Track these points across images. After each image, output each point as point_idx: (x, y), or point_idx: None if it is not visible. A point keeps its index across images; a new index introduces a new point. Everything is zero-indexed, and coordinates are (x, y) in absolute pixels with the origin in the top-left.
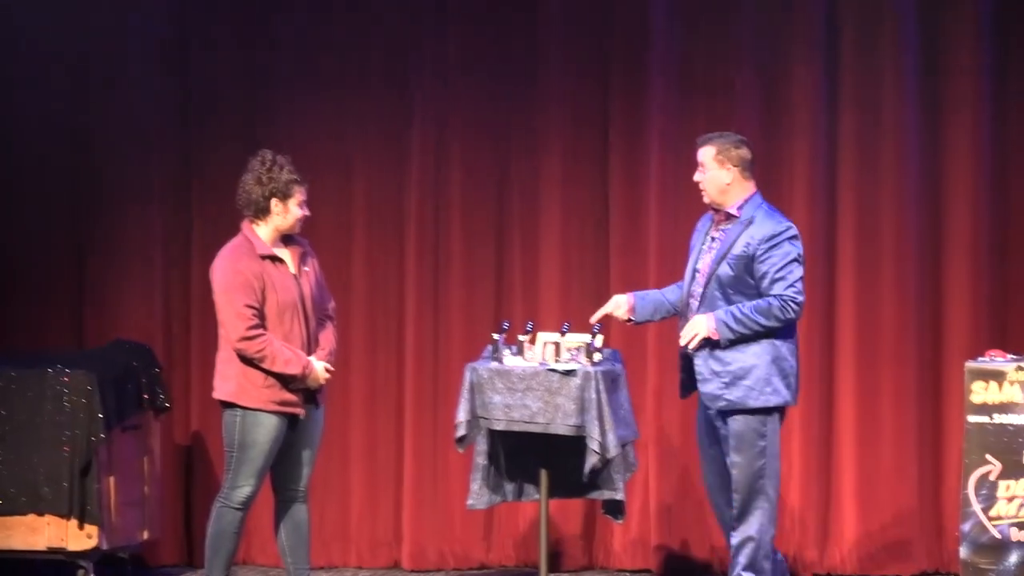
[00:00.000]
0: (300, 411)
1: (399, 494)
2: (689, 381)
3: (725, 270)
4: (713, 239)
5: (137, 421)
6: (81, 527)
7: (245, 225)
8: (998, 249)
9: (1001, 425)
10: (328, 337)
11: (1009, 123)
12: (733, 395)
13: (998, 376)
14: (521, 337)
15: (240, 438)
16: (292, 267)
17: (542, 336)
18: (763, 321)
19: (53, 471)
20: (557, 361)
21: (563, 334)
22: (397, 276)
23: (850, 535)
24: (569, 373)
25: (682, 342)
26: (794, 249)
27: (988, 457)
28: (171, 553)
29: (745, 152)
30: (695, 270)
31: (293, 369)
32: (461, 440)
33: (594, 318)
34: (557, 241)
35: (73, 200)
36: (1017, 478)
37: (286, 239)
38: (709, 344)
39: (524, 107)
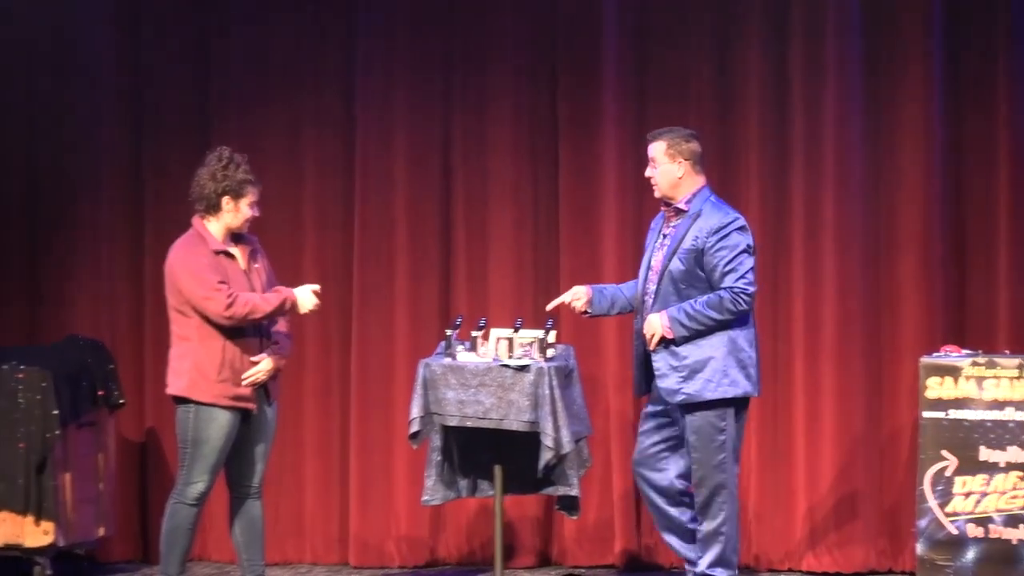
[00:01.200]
0: (252, 406)
1: (345, 491)
2: (644, 380)
3: (676, 265)
4: (664, 236)
5: (92, 418)
6: (37, 523)
7: (196, 220)
8: (953, 244)
9: (956, 421)
10: (280, 330)
11: (962, 114)
12: (691, 388)
13: (953, 372)
14: (474, 333)
15: (194, 434)
16: (242, 263)
17: (495, 332)
18: (715, 315)
19: (8, 468)
20: (510, 357)
21: (516, 330)
22: (345, 273)
23: (804, 532)
24: (522, 369)
25: (648, 347)
26: (743, 240)
27: (944, 453)
28: (127, 549)
29: (695, 146)
30: (648, 268)
31: (278, 300)
32: (415, 436)
33: (551, 305)
34: (506, 237)
35: (25, 196)
36: (973, 474)
37: (235, 237)
38: (665, 341)
39: (471, 101)
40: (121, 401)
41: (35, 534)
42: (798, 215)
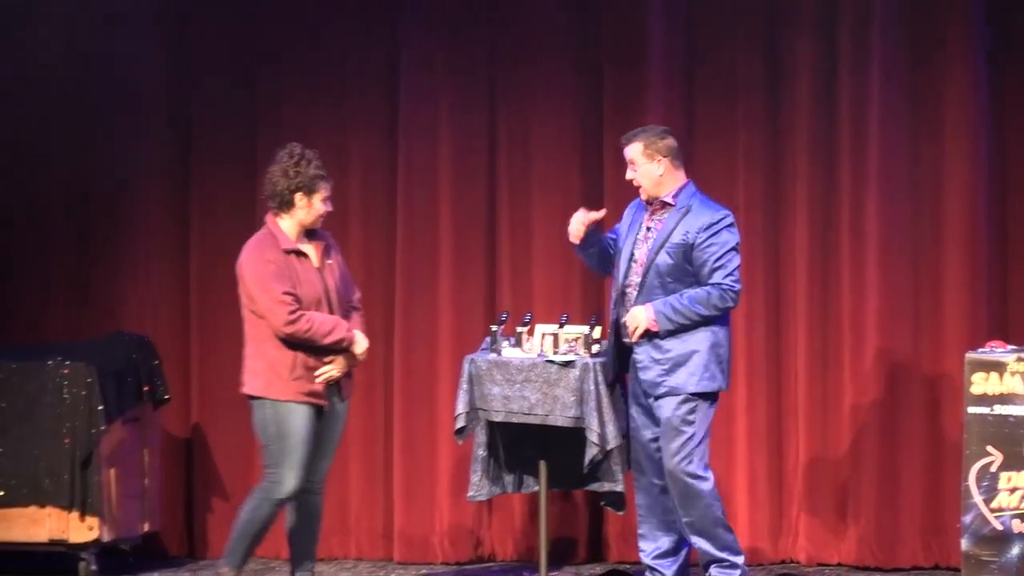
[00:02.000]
0: (325, 403)
1: (390, 486)
2: (618, 366)
3: (664, 259)
4: (648, 228)
5: (137, 413)
6: (82, 519)
7: (269, 218)
8: (998, 240)
9: (1002, 416)
10: (355, 325)
11: (1007, 108)
12: (674, 381)
13: (998, 367)
14: (519, 328)
15: (277, 428)
16: (315, 261)
17: (540, 327)
18: (702, 311)
19: (54, 463)
20: (555, 353)
21: (561, 325)
22: (389, 268)
23: (852, 529)
24: (567, 364)
25: (625, 339)
26: (732, 238)
27: (989, 448)
28: (172, 545)
29: (671, 141)
30: (631, 259)
31: (338, 335)
32: (460, 432)
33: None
34: (551, 232)
35: (72, 192)
36: (1018, 469)
37: (309, 233)
38: (648, 334)
39: (515, 95)
40: (166, 397)
41: (80, 529)
42: (846, 218)
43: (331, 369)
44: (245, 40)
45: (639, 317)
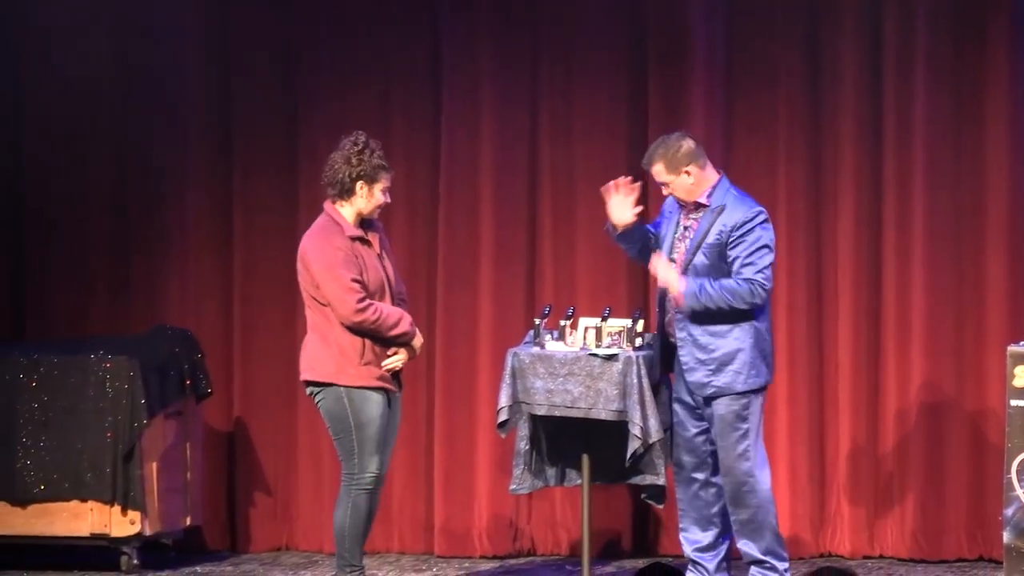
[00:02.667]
0: (393, 387)
1: (431, 479)
2: (663, 366)
3: (701, 259)
4: (686, 228)
5: (179, 407)
6: (124, 513)
7: (328, 206)
8: None
9: None
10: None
11: None
12: (720, 381)
13: None
14: (563, 322)
15: (355, 418)
16: (377, 248)
17: (584, 321)
18: (731, 301)
19: (96, 457)
20: (598, 346)
21: (604, 319)
22: (431, 261)
23: (894, 521)
24: (611, 358)
25: (652, 267)
26: (765, 234)
27: None
28: (214, 539)
29: (690, 144)
30: (671, 260)
31: (403, 328)
32: (503, 425)
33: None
34: (594, 226)
35: (113, 186)
36: None
37: (364, 223)
38: (687, 330)
39: (558, 88)
40: (209, 391)
41: (122, 524)
42: (890, 210)
43: (399, 358)
44: (285, 35)
45: (672, 279)
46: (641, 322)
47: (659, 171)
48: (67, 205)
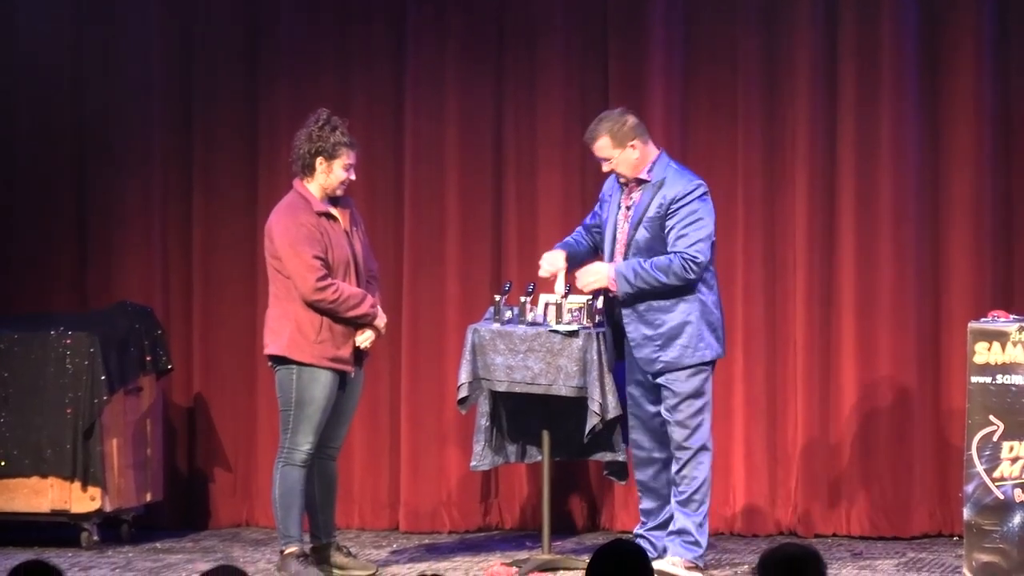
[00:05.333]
0: (350, 368)
1: (397, 456)
2: (617, 345)
3: (643, 234)
4: (628, 208)
5: (139, 383)
6: (84, 489)
7: (297, 183)
8: (1002, 209)
9: (1004, 386)
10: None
11: (1011, 81)
12: (668, 356)
13: (1001, 337)
14: (523, 298)
15: (298, 395)
16: (345, 225)
17: (544, 297)
18: (662, 278)
19: (56, 433)
20: (559, 322)
21: (565, 295)
22: (396, 240)
23: (853, 497)
24: (571, 334)
25: (579, 284)
26: (702, 207)
27: (991, 418)
28: (175, 515)
29: (633, 119)
30: (614, 240)
31: (363, 310)
32: (463, 402)
33: (558, 287)
34: (556, 204)
35: (73, 162)
36: (1020, 439)
37: (334, 199)
38: (633, 306)
39: (522, 70)
40: (169, 367)
41: (82, 500)
42: (848, 187)
43: (369, 336)
44: (247, 12)
45: (600, 272)
46: (601, 299)
47: (604, 145)
48: (26, 184)
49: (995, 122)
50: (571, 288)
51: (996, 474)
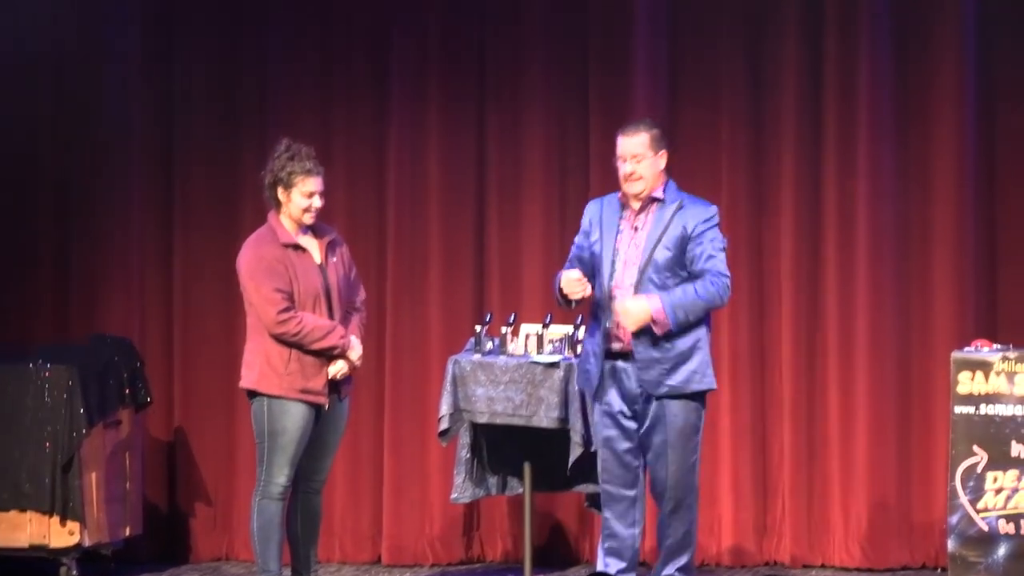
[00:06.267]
0: (324, 400)
1: (379, 488)
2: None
3: (663, 254)
4: (636, 228)
5: (119, 416)
6: (63, 524)
7: (270, 215)
8: (987, 239)
9: (988, 416)
10: (353, 329)
11: (995, 110)
12: (676, 380)
13: (984, 366)
14: (504, 329)
15: (270, 427)
16: (318, 257)
17: (525, 328)
18: (708, 303)
19: (35, 467)
20: (540, 353)
21: (546, 325)
22: (379, 269)
23: (838, 528)
24: (552, 365)
25: (624, 323)
26: (719, 233)
27: (975, 448)
28: (154, 549)
29: (662, 133)
30: (614, 261)
31: (330, 342)
32: (444, 433)
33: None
34: (538, 232)
35: (55, 194)
36: (1004, 469)
37: (312, 228)
38: (647, 334)
39: (505, 97)
40: (148, 399)
41: (61, 534)
42: (830, 209)
43: (342, 367)
44: (230, 45)
45: (640, 308)
46: (583, 328)
47: (640, 143)
48: (7, 214)
49: (978, 151)
50: (553, 318)
51: (980, 505)
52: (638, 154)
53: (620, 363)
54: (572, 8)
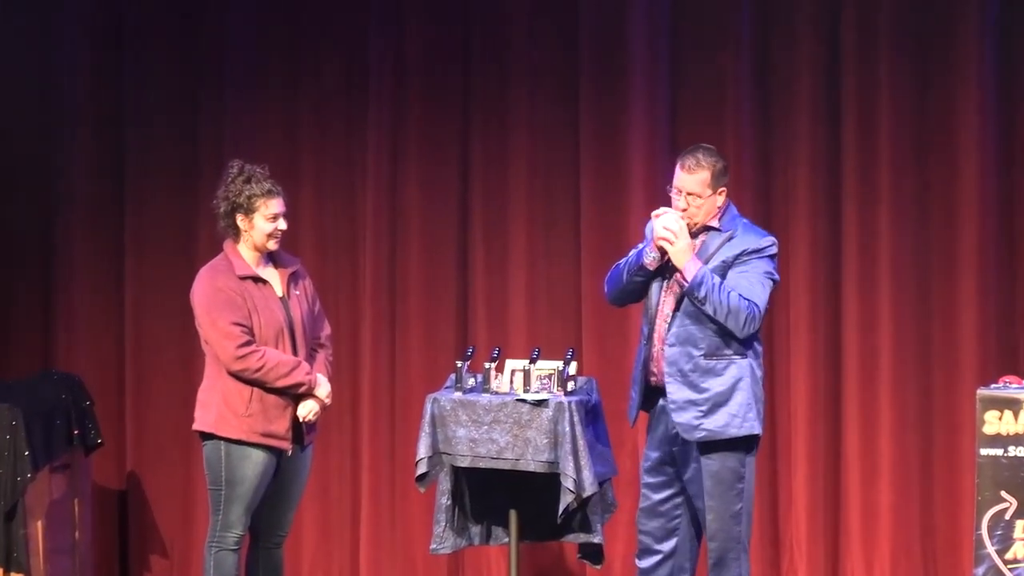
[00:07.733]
0: (286, 445)
1: (355, 536)
2: (643, 402)
3: None
4: None
5: (67, 460)
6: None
7: (226, 244)
8: (1008, 268)
9: (1017, 459)
10: (319, 367)
11: (1017, 131)
12: (712, 424)
13: (1013, 405)
14: (487, 364)
15: (228, 474)
16: (279, 289)
17: (510, 363)
18: (726, 308)
19: None
20: (527, 391)
21: (533, 361)
22: (351, 296)
23: (858, 574)
24: (540, 404)
25: (658, 229)
26: (771, 267)
27: (1003, 494)
28: None
29: (725, 163)
30: (663, 288)
31: (296, 379)
32: (422, 478)
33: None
34: (524, 260)
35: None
36: None
37: (274, 258)
38: (679, 365)
39: (488, 115)
40: (99, 441)
41: None
42: (852, 238)
43: (313, 407)
44: (186, 60)
45: (683, 250)
46: (574, 364)
47: (699, 181)
48: None
49: (1000, 173)
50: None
51: (1009, 555)
52: (695, 192)
53: (662, 401)
54: (559, 29)
